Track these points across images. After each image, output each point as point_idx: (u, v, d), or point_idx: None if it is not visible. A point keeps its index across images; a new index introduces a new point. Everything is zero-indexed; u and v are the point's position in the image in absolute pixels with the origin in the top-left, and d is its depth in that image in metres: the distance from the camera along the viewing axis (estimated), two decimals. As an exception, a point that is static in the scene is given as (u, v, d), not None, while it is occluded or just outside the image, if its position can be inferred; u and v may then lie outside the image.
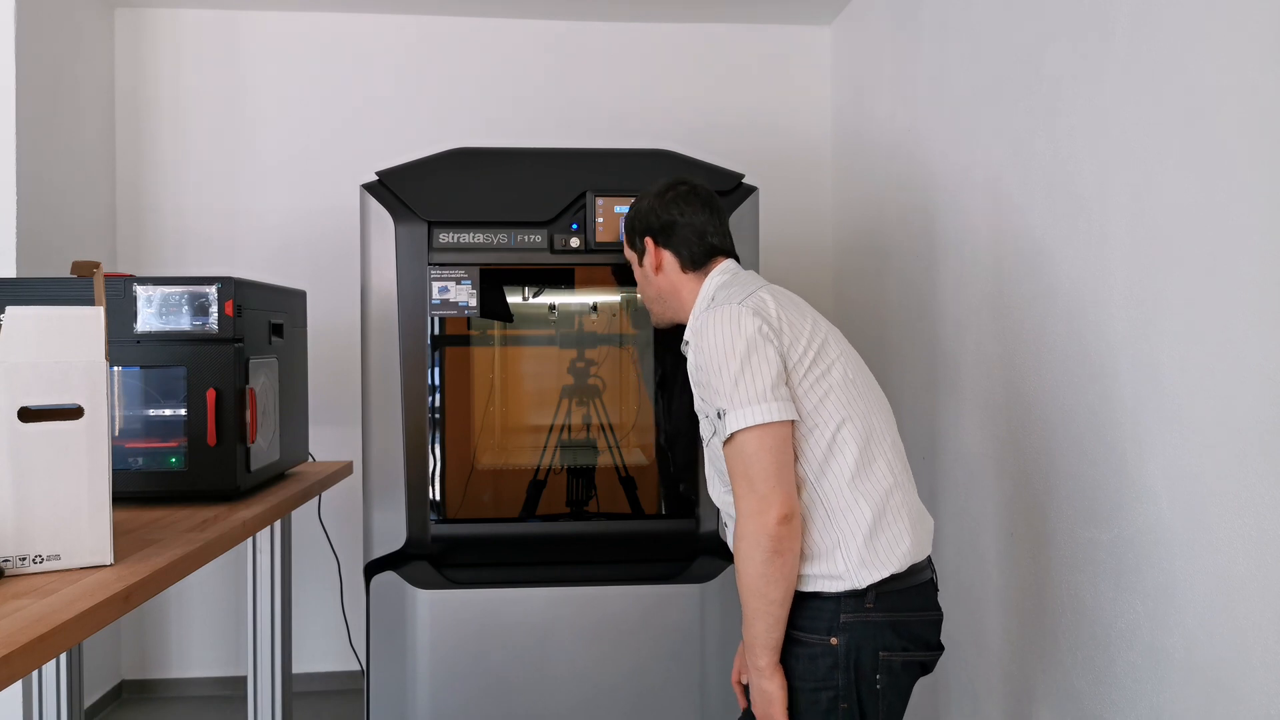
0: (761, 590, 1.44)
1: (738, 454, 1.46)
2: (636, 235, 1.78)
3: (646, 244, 1.75)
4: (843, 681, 1.47)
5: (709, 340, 1.50)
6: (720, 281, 1.68)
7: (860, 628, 1.47)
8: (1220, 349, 1.50)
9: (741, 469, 1.45)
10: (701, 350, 1.51)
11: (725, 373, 1.46)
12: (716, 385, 1.48)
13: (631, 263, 1.82)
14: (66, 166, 2.98)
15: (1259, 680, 1.43)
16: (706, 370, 1.50)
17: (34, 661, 1.09)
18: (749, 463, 1.44)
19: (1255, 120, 1.43)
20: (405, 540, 2.25)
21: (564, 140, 3.31)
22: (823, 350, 1.54)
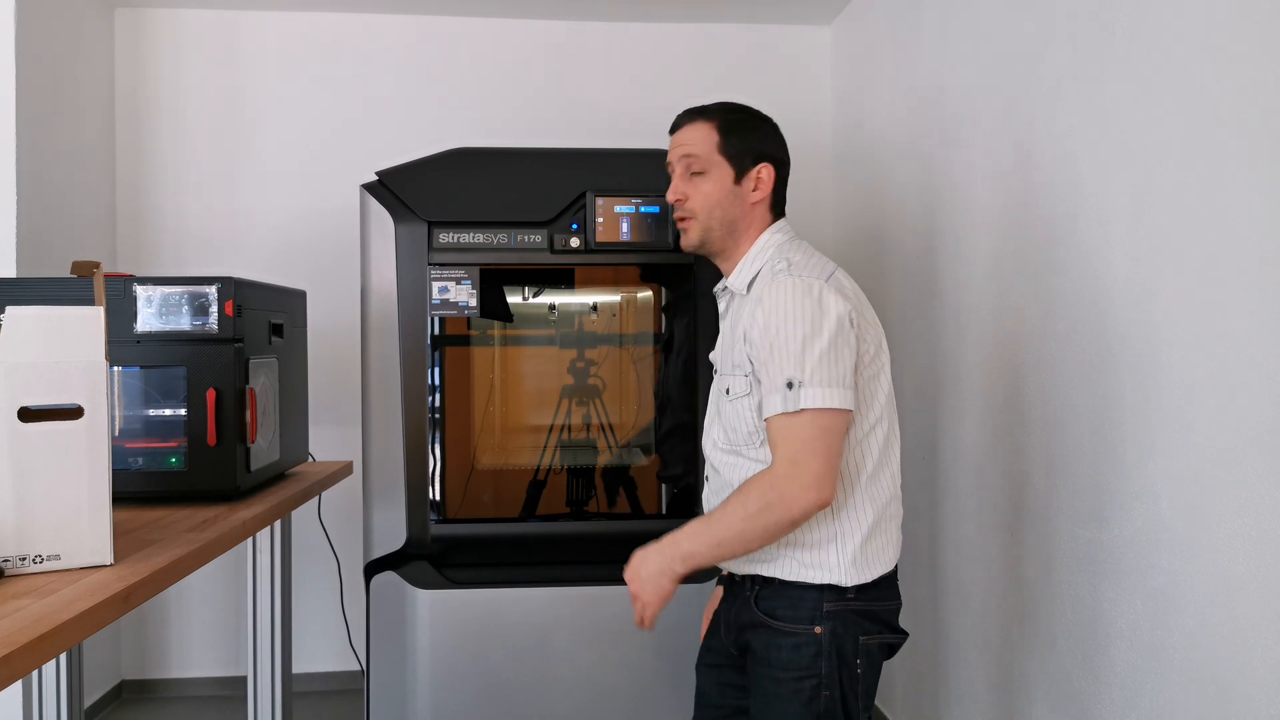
0: (748, 541, 1.45)
1: (804, 428, 1.42)
2: (752, 155, 1.60)
3: (764, 170, 1.61)
4: (826, 669, 1.49)
5: (794, 307, 1.44)
6: (781, 241, 1.61)
7: (842, 615, 1.50)
8: (1220, 349, 1.50)
9: (801, 443, 1.42)
10: (785, 315, 1.45)
11: (811, 346, 1.42)
12: (795, 355, 1.43)
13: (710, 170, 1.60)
14: (66, 166, 2.98)
15: (1259, 680, 1.43)
16: (784, 335, 1.44)
17: (34, 661, 1.09)
18: (812, 440, 1.42)
19: (1255, 120, 1.43)
20: (405, 540, 2.25)
21: (564, 140, 3.31)
22: (879, 352, 1.54)
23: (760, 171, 1.61)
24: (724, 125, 1.61)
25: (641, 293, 2.53)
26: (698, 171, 1.60)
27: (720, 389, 1.60)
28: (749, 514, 1.43)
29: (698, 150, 1.60)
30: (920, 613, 2.71)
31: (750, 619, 1.57)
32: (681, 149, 1.62)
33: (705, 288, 2.31)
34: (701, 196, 1.60)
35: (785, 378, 1.43)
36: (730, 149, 1.60)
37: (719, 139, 1.60)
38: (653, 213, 2.27)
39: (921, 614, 2.70)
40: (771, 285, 1.49)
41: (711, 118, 1.62)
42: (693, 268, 2.31)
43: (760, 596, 1.55)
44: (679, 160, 1.62)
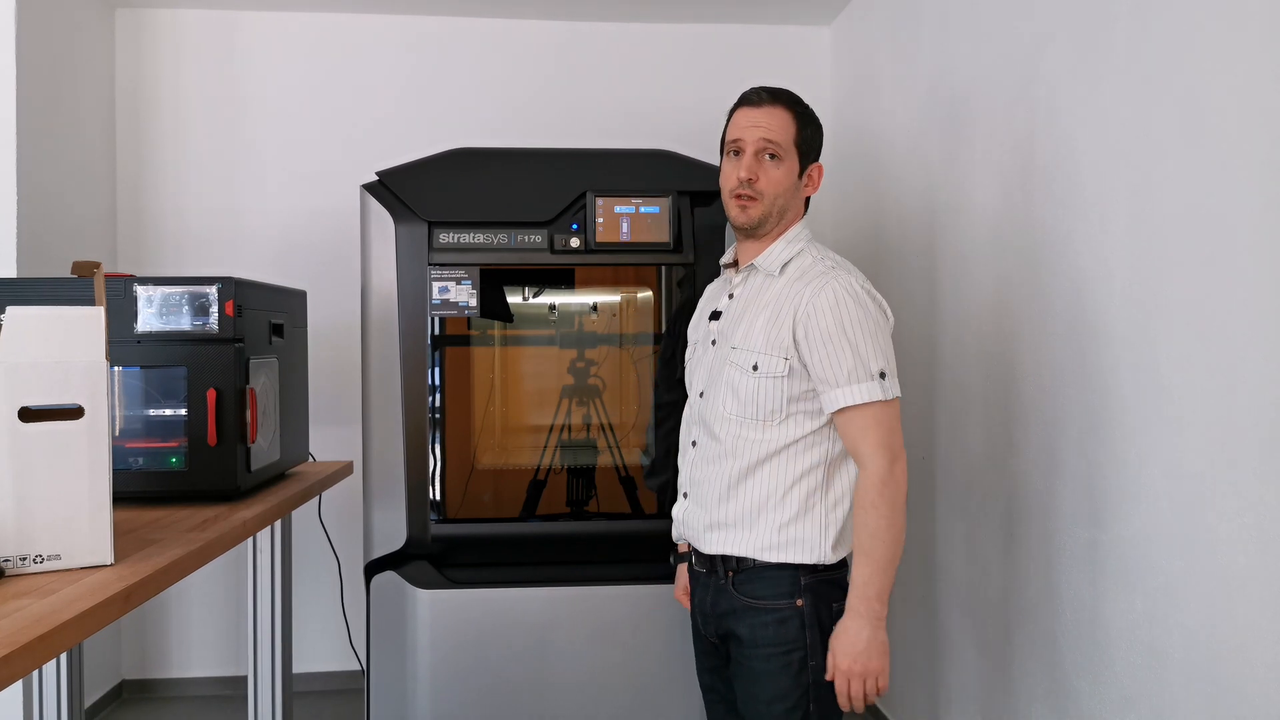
0: (897, 537, 1.54)
1: (888, 416, 1.55)
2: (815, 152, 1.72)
3: (818, 169, 1.73)
4: (810, 639, 1.58)
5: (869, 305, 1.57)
6: (809, 236, 1.71)
7: (818, 587, 1.59)
8: (1220, 349, 1.50)
9: (887, 430, 1.54)
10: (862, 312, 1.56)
11: (887, 342, 1.58)
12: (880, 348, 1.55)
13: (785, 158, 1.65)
14: (66, 166, 2.98)
15: (1259, 680, 1.43)
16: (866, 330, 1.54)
17: (34, 661, 1.09)
18: (894, 426, 1.56)
19: (1254, 120, 1.44)
20: (405, 540, 2.25)
21: (564, 140, 3.31)
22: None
23: (814, 170, 1.71)
24: (800, 118, 1.68)
25: (641, 293, 2.53)
26: (773, 155, 1.65)
27: (739, 363, 1.62)
28: (890, 519, 1.53)
29: (777, 137, 1.65)
30: (920, 613, 2.71)
31: (731, 605, 1.63)
32: (762, 131, 1.65)
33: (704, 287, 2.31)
34: (772, 182, 1.64)
35: (878, 368, 1.54)
36: (803, 143, 1.67)
37: (796, 131, 1.66)
38: (653, 213, 2.27)
39: (921, 614, 2.70)
40: (836, 280, 1.58)
41: (790, 107, 1.68)
42: (693, 267, 2.31)
43: (738, 581, 1.62)
44: (756, 140, 1.65)
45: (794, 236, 1.68)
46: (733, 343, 1.64)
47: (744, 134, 1.66)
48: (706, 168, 2.36)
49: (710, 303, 1.81)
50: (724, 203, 1.70)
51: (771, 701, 1.58)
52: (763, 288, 1.65)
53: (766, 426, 1.59)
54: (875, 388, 1.53)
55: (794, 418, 1.59)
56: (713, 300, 1.80)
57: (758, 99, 1.69)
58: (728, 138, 1.71)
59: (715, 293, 1.83)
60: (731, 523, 1.62)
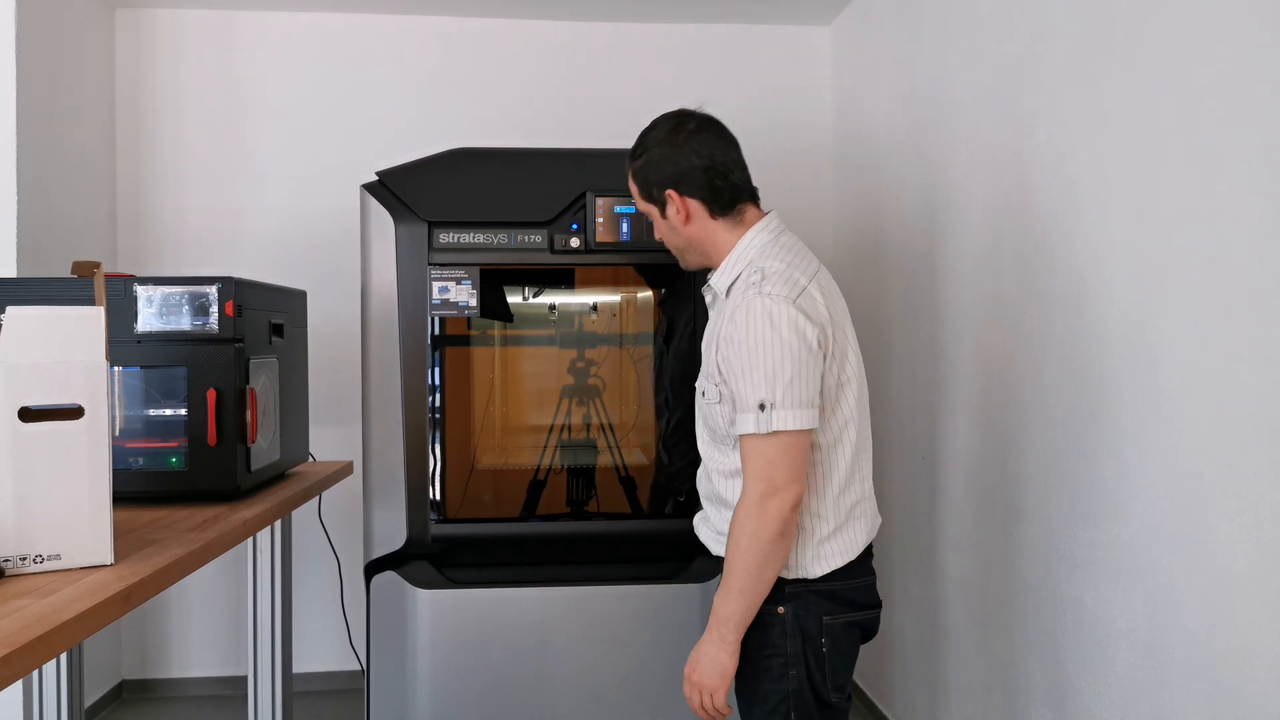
0: (760, 571, 1.49)
1: (772, 447, 1.47)
2: (654, 187, 1.64)
3: (669, 196, 1.62)
4: (791, 648, 1.55)
5: (764, 330, 1.47)
6: (762, 243, 1.60)
7: (803, 596, 1.56)
8: (1220, 349, 1.50)
9: (769, 459, 1.47)
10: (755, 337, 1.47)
11: (781, 371, 1.46)
12: (767, 377, 1.46)
13: (650, 215, 1.69)
14: (66, 166, 2.98)
15: (1259, 680, 1.43)
16: (754, 357, 1.47)
17: (34, 661, 1.09)
18: (779, 456, 1.47)
19: (1254, 120, 1.44)
20: (405, 540, 2.25)
21: (564, 140, 3.31)
22: (844, 366, 1.57)
23: (670, 198, 1.63)
24: (635, 174, 1.68)
25: (641, 293, 2.53)
26: (648, 218, 1.72)
27: (697, 389, 1.65)
28: (744, 549, 1.49)
29: (637, 205, 1.72)
30: (920, 612, 2.71)
31: None
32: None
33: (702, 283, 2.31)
34: (665, 235, 1.70)
35: (758, 399, 1.47)
36: (646, 195, 1.67)
37: (637, 189, 1.68)
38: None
39: (921, 614, 2.70)
40: (743, 302, 1.50)
41: (630, 166, 1.69)
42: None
43: None
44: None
45: (737, 255, 1.61)
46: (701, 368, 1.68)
47: None
48: (706, 168, 2.36)
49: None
50: None
51: (751, 705, 1.58)
52: (717, 313, 1.64)
53: (724, 449, 1.59)
54: (750, 420, 1.47)
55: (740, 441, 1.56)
56: None
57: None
58: None
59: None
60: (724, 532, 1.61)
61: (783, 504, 1.46)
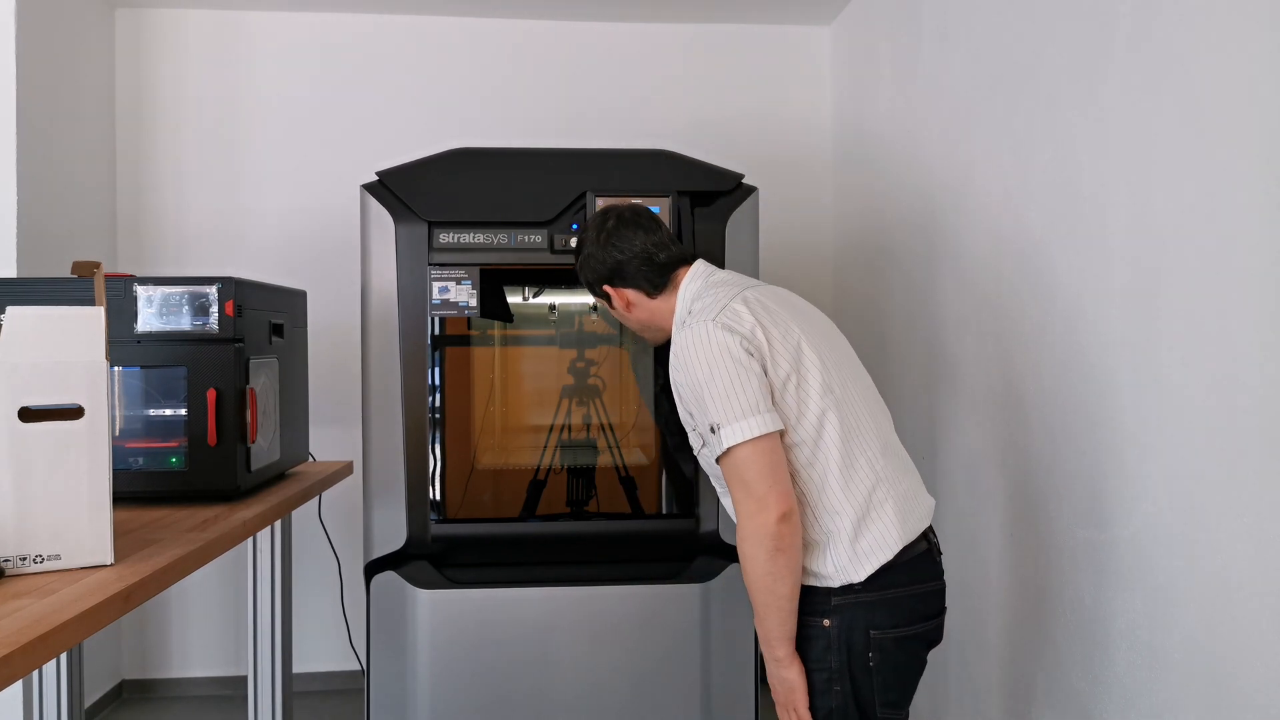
0: (769, 587, 1.48)
1: (733, 465, 1.49)
2: (594, 286, 1.82)
3: (607, 290, 1.80)
4: (835, 663, 1.52)
5: (689, 360, 1.53)
6: (694, 290, 1.71)
7: (851, 609, 1.52)
8: (1220, 349, 1.50)
9: (738, 477, 1.49)
10: (684, 370, 1.54)
11: (712, 391, 1.49)
12: (706, 403, 1.50)
13: (603, 306, 1.86)
14: (66, 166, 2.98)
15: (1259, 680, 1.43)
16: (693, 389, 1.53)
17: (34, 661, 1.09)
18: (744, 470, 1.48)
19: (1255, 120, 1.44)
20: (405, 540, 2.25)
21: (564, 140, 3.31)
22: (798, 359, 1.55)
23: (608, 292, 1.80)
24: (579, 273, 1.85)
25: (641, 293, 2.53)
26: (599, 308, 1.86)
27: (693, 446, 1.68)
28: (749, 572, 1.50)
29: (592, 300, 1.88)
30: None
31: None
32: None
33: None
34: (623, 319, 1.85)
35: (708, 424, 1.51)
36: (591, 290, 1.85)
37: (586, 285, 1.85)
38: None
39: (921, 614, 2.70)
40: (675, 348, 1.59)
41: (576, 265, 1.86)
42: (693, 268, 2.31)
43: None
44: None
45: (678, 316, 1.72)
46: None
47: None
48: (706, 168, 2.36)
49: None
50: None
51: None
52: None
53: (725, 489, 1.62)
54: (713, 444, 1.50)
55: None
56: None
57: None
58: None
59: None
60: None
61: (768, 519, 1.46)
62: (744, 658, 2.29)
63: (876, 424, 1.61)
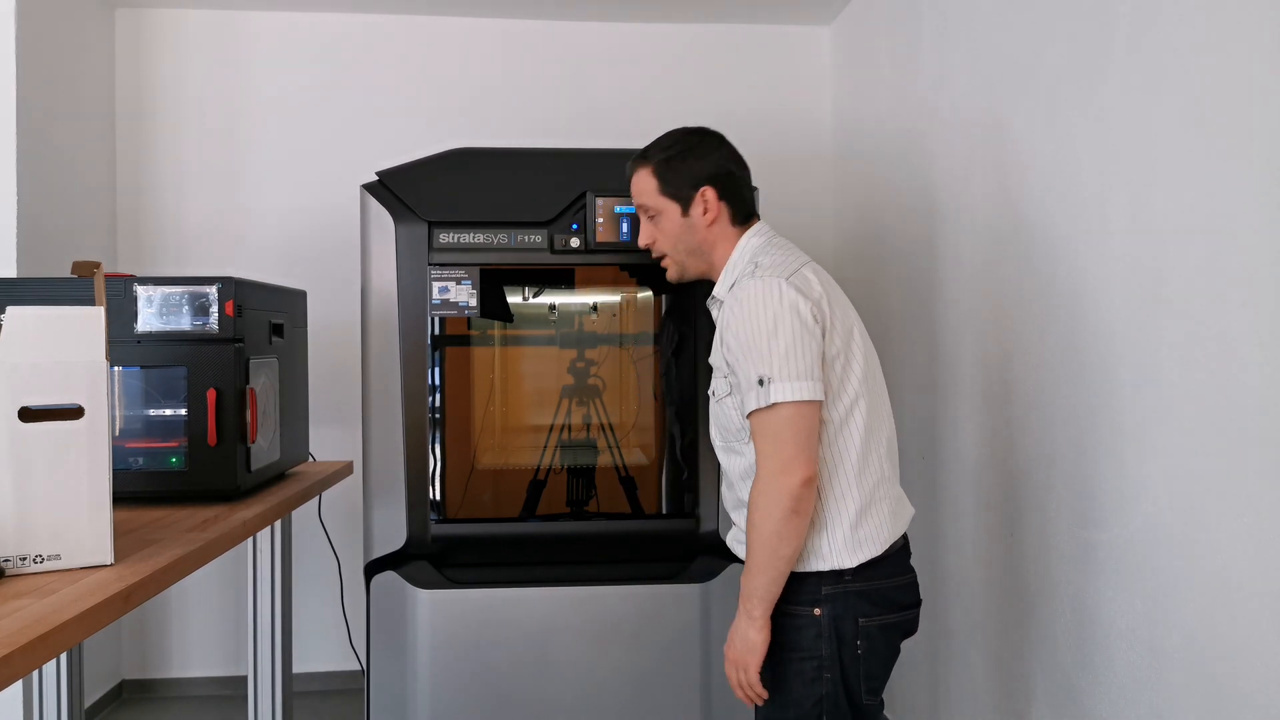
0: (775, 547, 1.50)
1: (772, 422, 1.50)
2: (684, 184, 1.69)
3: (706, 193, 1.68)
4: (826, 650, 1.55)
5: (755, 308, 1.53)
6: (757, 245, 1.68)
7: (840, 598, 1.56)
8: (1220, 349, 1.50)
9: (773, 434, 1.51)
10: (747, 316, 1.53)
11: (774, 345, 1.50)
12: (762, 354, 1.51)
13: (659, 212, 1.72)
14: (66, 166, 2.98)
15: (1259, 680, 1.43)
16: (750, 336, 1.52)
17: (34, 661, 1.09)
18: (782, 430, 1.50)
19: (1255, 120, 1.44)
20: (405, 540, 2.25)
21: (564, 140, 3.31)
22: (849, 342, 1.59)
23: (704, 195, 1.69)
24: (658, 168, 1.72)
25: (641, 293, 2.53)
26: (651, 215, 1.74)
27: (709, 394, 1.69)
28: (758, 526, 1.51)
29: (645, 199, 1.74)
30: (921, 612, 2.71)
31: None
32: (635, 199, 1.77)
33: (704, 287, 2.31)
34: (664, 237, 1.74)
35: (757, 375, 1.51)
36: (669, 189, 1.71)
37: (656, 183, 1.72)
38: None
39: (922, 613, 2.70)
40: (738, 291, 1.57)
41: (648, 162, 1.74)
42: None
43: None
44: (638, 209, 1.78)
45: (735, 259, 1.69)
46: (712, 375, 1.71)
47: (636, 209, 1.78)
48: (706, 168, 2.35)
49: None
50: None
51: (784, 708, 1.58)
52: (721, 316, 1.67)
53: (740, 446, 1.62)
54: (754, 396, 1.51)
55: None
56: None
57: (627, 171, 1.79)
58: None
59: None
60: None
61: (792, 480, 1.48)
62: (744, 658, 2.29)
63: (888, 427, 1.66)
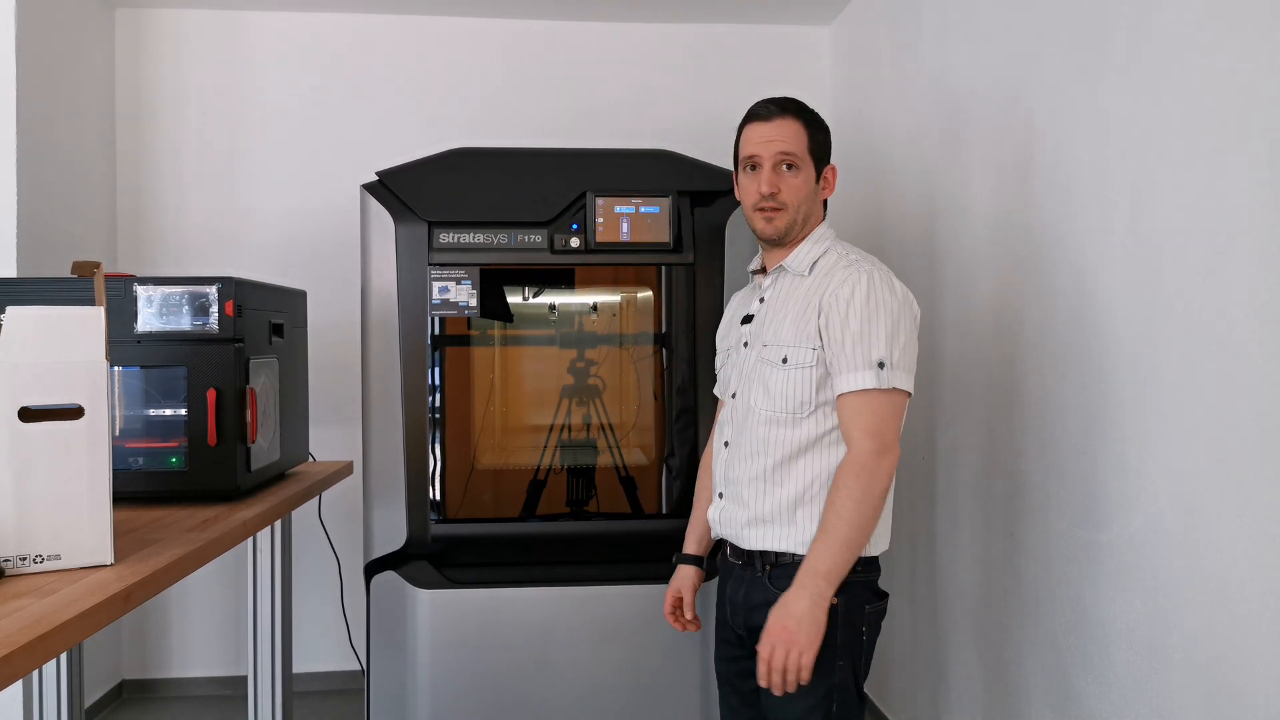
0: (866, 523, 1.55)
1: (885, 404, 1.56)
2: (826, 156, 1.75)
3: (832, 171, 1.77)
4: (841, 639, 1.58)
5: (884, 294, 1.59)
6: (833, 235, 1.75)
7: (854, 586, 1.59)
8: (1220, 349, 1.50)
9: (881, 417, 1.56)
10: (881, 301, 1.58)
11: (897, 334, 1.58)
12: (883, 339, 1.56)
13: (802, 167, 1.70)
14: (66, 166, 2.98)
15: (1259, 680, 1.43)
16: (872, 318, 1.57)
17: (34, 661, 1.09)
18: (890, 414, 1.57)
19: (1255, 120, 1.44)
20: (405, 540, 2.25)
21: (564, 140, 3.31)
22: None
23: (829, 173, 1.76)
24: (810, 125, 1.72)
25: (641, 293, 2.53)
26: (790, 165, 1.70)
27: (770, 359, 1.67)
28: (858, 504, 1.54)
29: (792, 148, 1.69)
30: (920, 613, 2.71)
31: (765, 598, 1.63)
32: (777, 144, 1.69)
33: (704, 287, 2.31)
34: (793, 191, 1.70)
35: (878, 357, 1.56)
36: (815, 149, 1.72)
37: (807, 138, 1.71)
38: (653, 213, 2.27)
39: (921, 614, 2.70)
40: (858, 272, 1.61)
41: (800, 115, 1.72)
42: (693, 267, 2.31)
43: (774, 576, 1.64)
44: (773, 154, 1.69)
45: (819, 236, 1.73)
46: (764, 340, 1.70)
47: (759, 149, 1.70)
48: (706, 168, 2.36)
49: (740, 309, 1.86)
50: (746, 217, 1.76)
51: (794, 698, 1.58)
52: (793, 287, 1.70)
53: (796, 421, 1.62)
54: (871, 376, 1.55)
55: (822, 409, 1.62)
56: (743, 306, 1.85)
57: (767, 113, 1.71)
58: (741, 153, 1.74)
59: (745, 299, 1.88)
60: (770, 518, 1.65)
61: (892, 463, 1.55)
62: (744, 658, 2.29)
63: None
